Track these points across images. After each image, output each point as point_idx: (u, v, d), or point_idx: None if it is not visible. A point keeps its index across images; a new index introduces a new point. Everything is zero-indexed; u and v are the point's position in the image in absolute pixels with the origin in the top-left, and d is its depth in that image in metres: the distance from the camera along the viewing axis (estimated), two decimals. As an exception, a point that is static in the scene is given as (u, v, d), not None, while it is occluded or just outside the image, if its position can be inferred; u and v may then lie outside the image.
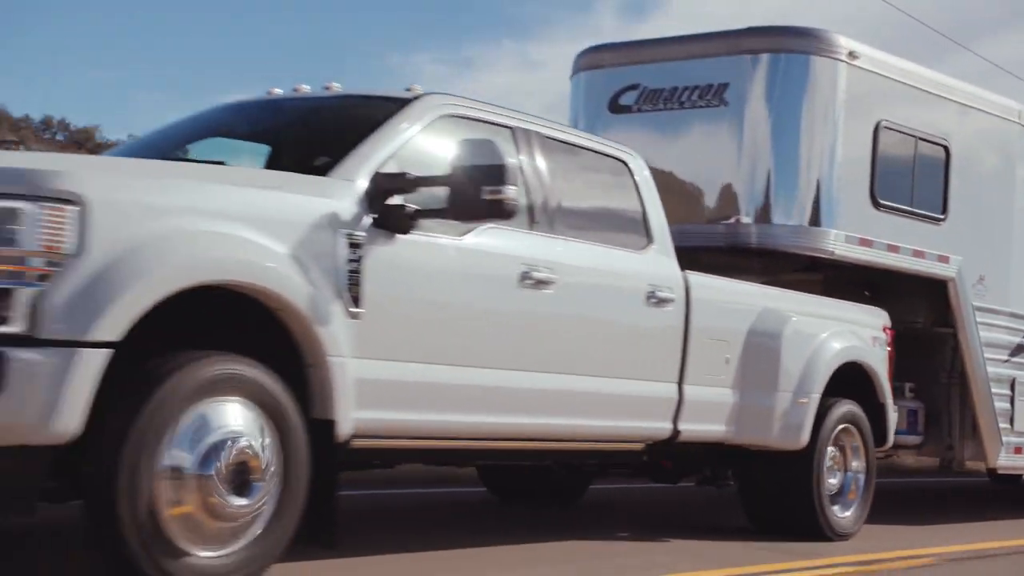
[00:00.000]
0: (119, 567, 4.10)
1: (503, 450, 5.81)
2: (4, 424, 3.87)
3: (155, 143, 6.06)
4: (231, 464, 4.25)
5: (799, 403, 7.00)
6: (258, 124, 6.01)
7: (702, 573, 5.62)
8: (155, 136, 6.21)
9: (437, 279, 5.16)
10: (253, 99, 6.19)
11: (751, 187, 7.88)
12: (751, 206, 7.86)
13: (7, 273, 3.92)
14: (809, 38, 7.89)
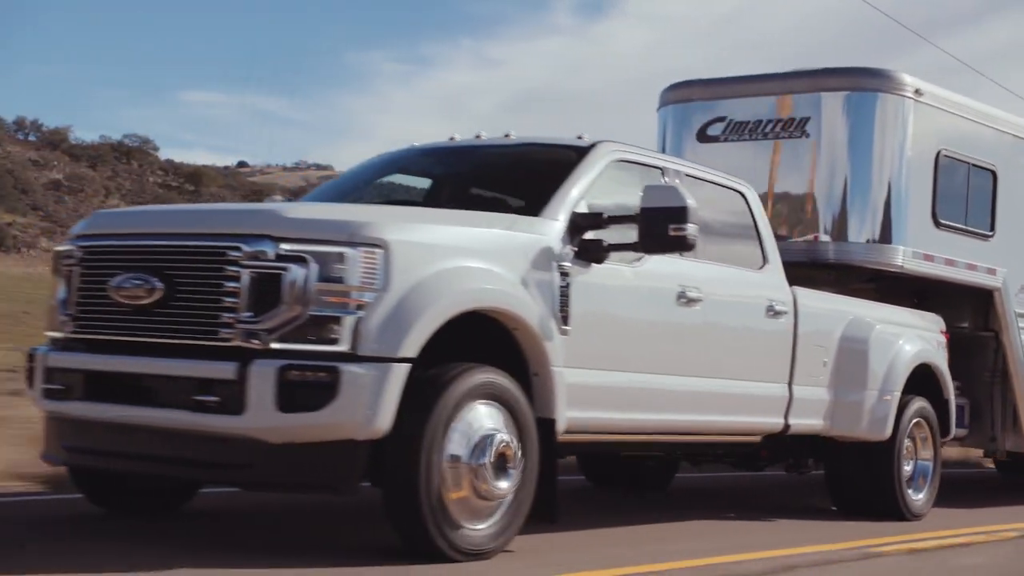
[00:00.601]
0: (415, 538, 5.12)
1: (665, 443, 6.89)
2: (337, 423, 4.89)
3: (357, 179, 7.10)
4: (495, 455, 5.27)
5: (884, 400, 8.07)
6: (452, 167, 7.02)
7: (823, 547, 6.64)
8: (357, 173, 7.22)
9: (621, 299, 6.19)
10: (444, 144, 7.18)
11: (829, 209, 8.92)
12: (829, 226, 8.90)
13: (336, 304, 4.94)
14: (881, 78, 8.95)
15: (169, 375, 5.09)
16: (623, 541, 6.42)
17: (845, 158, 8.93)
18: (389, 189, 7.25)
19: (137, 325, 5.21)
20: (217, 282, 5.03)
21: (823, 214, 8.94)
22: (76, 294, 5.47)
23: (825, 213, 8.94)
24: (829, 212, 8.94)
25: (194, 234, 5.20)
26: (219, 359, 4.97)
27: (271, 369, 4.88)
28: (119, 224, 5.66)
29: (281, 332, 4.94)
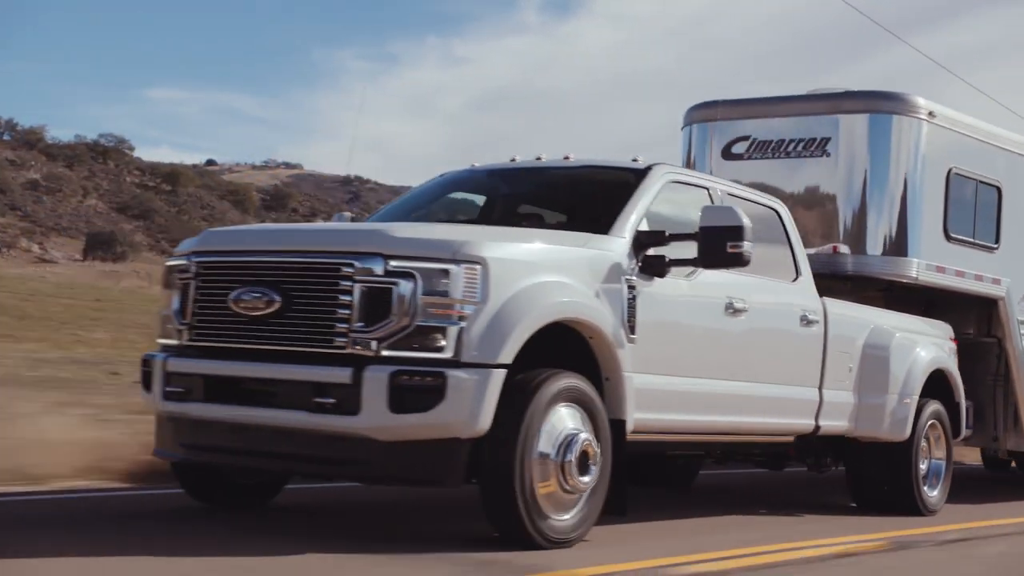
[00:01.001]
0: (510, 527, 5.67)
1: (714, 442, 7.48)
2: (443, 423, 5.44)
3: (425, 197, 7.65)
4: (579, 452, 5.82)
5: (904, 403, 8.67)
6: (517, 187, 7.58)
7: (855, 537, 7.21)
8: (424, 191, 7.77)
9: (679, 310, 6.76)
10: (508, 165, 7.73)
11: (848, 224, 9.51)
12: (848, 239, 9.49)
13: (441, 315, 5.48)
14: (897, 101, 9.55)
15: (289, 379, 5.61)
16: (673, 533, 6.99)
17: (863, 176, 9.52)
18: (456, 206, 7.79)
19: (255, 334, 5.73)
20: (332, 295, 5.56)
21: (842, 229, 9.52)
22: (193, 305, 5.98)
23: (844, 228, 9.52)
24: (848, 227, 9.53)
25: (310, 251, 5.73)
26: (335, 365, 5.50)
27: (384, 374, 5.42)
28: (234, 242, 6.17)
29: (391, 341, 5.48)
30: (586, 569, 5.33)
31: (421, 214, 7.57)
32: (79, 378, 13.09)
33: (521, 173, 7.69)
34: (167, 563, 5.03)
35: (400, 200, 7.93)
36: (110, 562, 5.01)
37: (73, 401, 10.04)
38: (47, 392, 10.51)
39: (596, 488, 6.01)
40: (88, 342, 19.08)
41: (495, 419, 5.54)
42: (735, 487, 10.47)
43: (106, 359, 15.86)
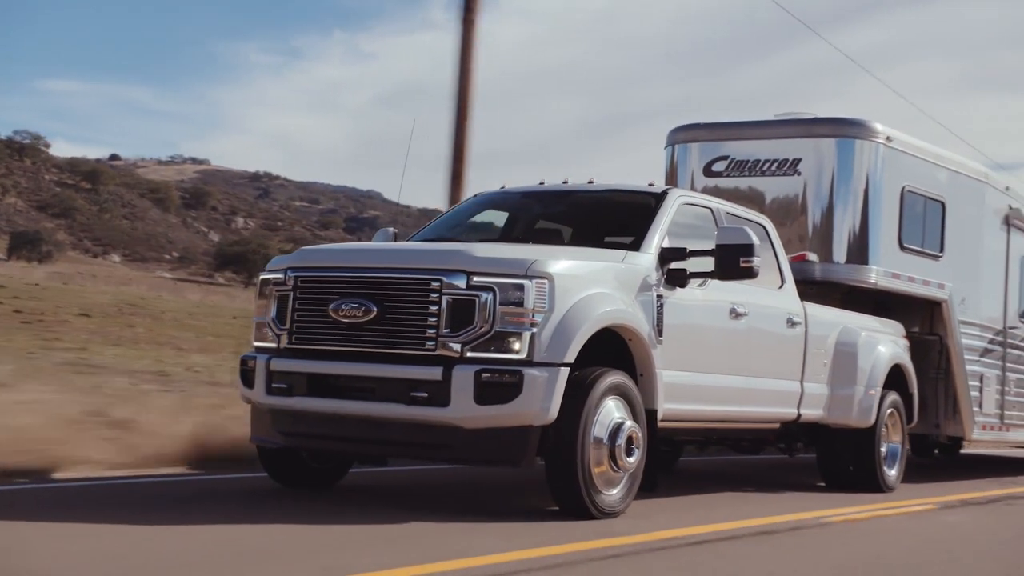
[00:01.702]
0: (571, 501, 6.73)
1: (720, 429, 8.61)
2: (520, 413, 6.49)
3: (464, 215, 8.68)
4: (626, 438, 6.90)
5: (869, 393, 9.88)
6: (546, 208, 8.64)
7: (837, 510, 8.39)
8: (462, 210, 8.80)
9: (696, 315, 7.87)
10: (537, 188, 8.78)
11: (816, 235, 10.71)
12: (816, 249, 10.69)
13: (516, 323, 6.52)
14: (860, 127, 10.78)
15: (388, 377, 6.61)
16: (693, 506, 8.11)
17: (830, 193, 10.74)
18: (488, 226, 8.82)
19: (353, 338, 6.72)
20: (423, 305, 6.58)
21: (811, 240, 10.72)
22: (294, 313, 6.94)
23: (813, 238, 10.73)
24: (816, 238, 10.73)
25: (404, 268, 6.73)
26: (427, 364, 6.52)
27: (470, 372, 6.45)
28: (332, 259, 7.13)
29: (474, 344, 6.51)
30: (643, 535, 6.39)
31: (460, 231, 8.60)
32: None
33: (552, 195, 8.75)
34: (307, 528, 5.98)
35: (442, 218, 8.94)
36: (254, 529, 5.96)
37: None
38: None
39: (637, 468, 7.10)
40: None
41: (561, 409, 6.59)
42: (713, 471, 11.63)
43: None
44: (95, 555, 5.17)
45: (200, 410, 9.69)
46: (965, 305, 12.02)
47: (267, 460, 7.59)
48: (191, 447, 8.52)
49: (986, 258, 12.59)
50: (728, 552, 6.18)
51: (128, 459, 8.26)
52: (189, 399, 11.06)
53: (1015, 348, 13.37)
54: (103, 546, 5.37)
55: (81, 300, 35.48)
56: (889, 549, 6.82)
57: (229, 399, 9.63)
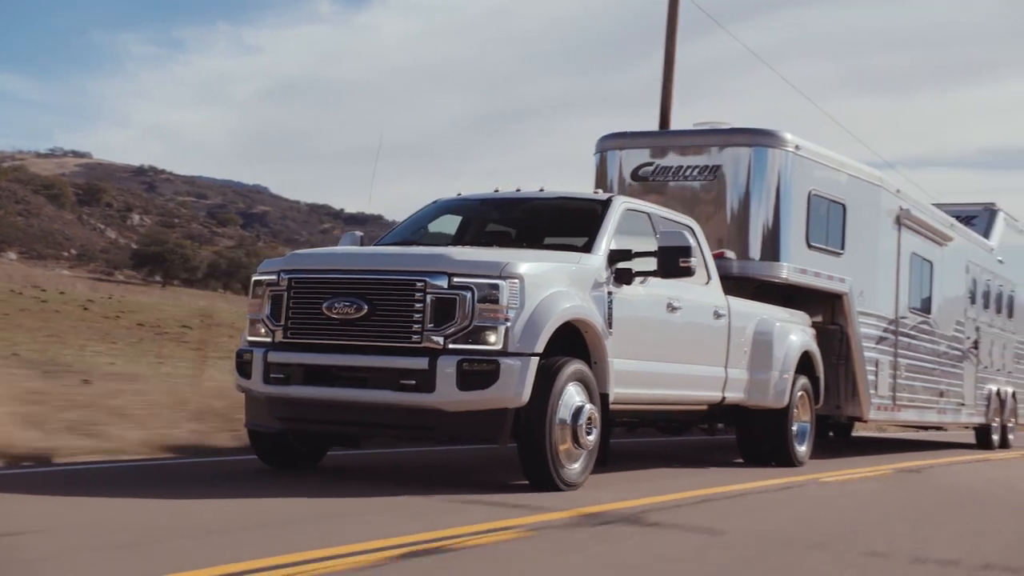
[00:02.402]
0: (539, 475, 7.63)
1: (659, 411, 9.59)
2: (498, 397, 7.37)
3: (424, 220, 9.51)
4: (587, 419, 7.83)
5: (783, 378, 10.99)
6: (503, 214, 9.52)
7: (762, 482, 9.44)
8: (422, 216, 9.62)
9: (639, 310, 8.82)
10: (493, 195, 9.66)
11: (734, 235, 11.79)
12: (734, 247, 11.76)
13: (492, 318, 7.40)
14: (773, 137, 11.88)
15: (379, 367, 7.44)
16: (639, 480, 9.06)
17: (746, 196, 11.82)
18: (446, 230, 9.65)
19: (346, 332, 7.53)
20: (409, 303, 7.42)
21: (729, 239, 11.79)
22: (288, 311, 7.72)
23: (731, 238, 11.80)
24: (734, 237, 11.81)
25: (392, 271, 7.56)
26: (414, 355, 7.36)
27: (453, 362, 7.31)
28: (323, 263, 7.91)
29: (455, 337, 7.37)
30: (605, 505, 7.32)
31: (421, 236, 9.44)
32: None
33: (508, 202, 9.63)
34: (301, 501, 6.77)
35: (406, 223, 9.76)
36: (253, 502, 6.73)
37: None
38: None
39: (594, 445, 8.04)
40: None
41: (532, 394, 7.49)
42: (644, 451, 12.65)
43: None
44: (101, 524, 5.89)
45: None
46: (863, 298, 13.25)
47: (258, 443, 8.35)
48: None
49: (881, 255, 13.86)
50: (679, 517, 7.15)
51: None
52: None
53: (905, 336, 14.69)
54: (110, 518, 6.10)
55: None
56: (816, 512, 7.88)
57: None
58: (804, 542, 6.36)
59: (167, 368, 17.83)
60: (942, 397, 16.23)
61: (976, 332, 17.94)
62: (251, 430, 8.28)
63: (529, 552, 5.50)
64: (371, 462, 9.49)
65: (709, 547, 5.97)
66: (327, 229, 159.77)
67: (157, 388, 11.66)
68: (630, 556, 5.56)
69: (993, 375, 18.84)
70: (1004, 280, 19.70)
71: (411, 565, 5.02)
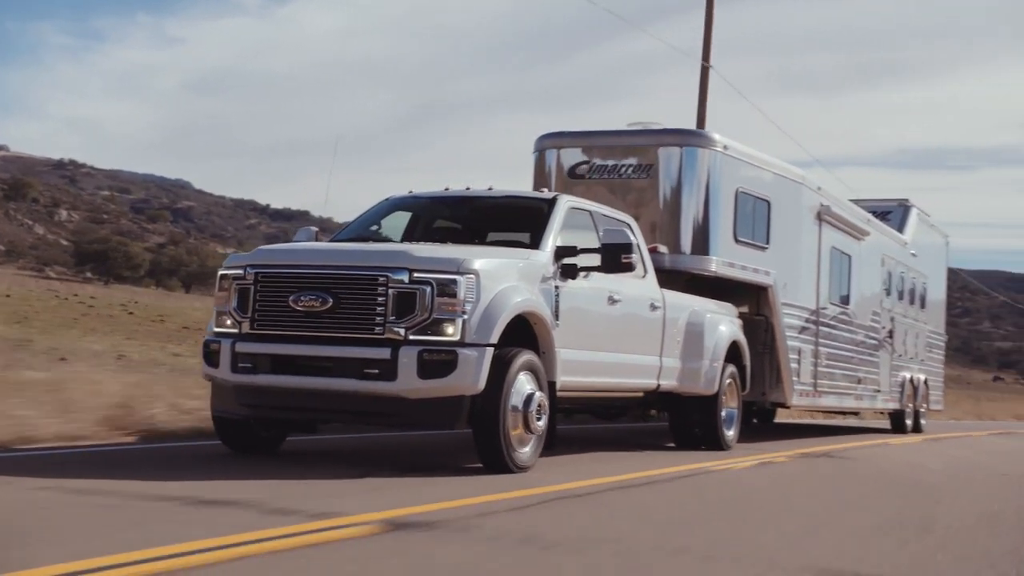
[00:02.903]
0: (493, 458, 8.15)
1: (601, 398, 10.15)
2: (455, 385, 7.86)
3: (376, 216, 9.96)
4: (537, 405, 8.36)
5: (713, 366, 11.63)
6: (453, 212, 9.99)
7: (697, 464, 10.07)
8: (374, 213, 10.07)
9: (583, 302, 9.37)
10: (443, 193, 10.13)
11: (667, 230, 12.40)
12: (666, 242, 12.36)
13: (450, 311, 7.88)
14: (702, 138, 12.52)
15: (344, 357, 7.88)
16: (582, 462, 9.61)
17: (678, 194, 12.44)
18: (397, 225, 10.12)
19: (311, 324, 7.97)
20: (372, 297, 7.88)
21: (662, 234, 12.40)
22: (255, 303, 8.13)
23: (664, 233, 12.41)
24: (666, 232, 12.42)
25: (355, 266, 8.01)
26: (377, 346, 7.82)
27: (414, 352, 7.79)
28: (288, 258, 8.33)
29: (415, 328, 7.85)
30: (556, 486, 7.86)
31: (374, 231, 9.89)
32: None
33: (458, 200, 10.12)
34: (261, 486, 7.20)
35: (360, 219, 10.20)
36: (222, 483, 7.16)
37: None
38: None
39: (544, 430, 8.58)
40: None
41: (487, 382, 8.00)
42: (581, 436, 13.23)
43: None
44: (84, 507, 6.29)
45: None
46: (786, 290, 13.97)
47: (222, 429, 8.76)
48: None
49: (803, 249, 14.60)
50: (627, 495, 7.72)
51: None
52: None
53: (826, 326, 15.47)
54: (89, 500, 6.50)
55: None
56: (751, 490, 8.50)
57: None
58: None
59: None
60: (860, 384, 17.07)
61: (891, 322, 18.84)
62: (216, 416, 8.68)
63: (491, 522, 6.00)
64: (329, 447, 9.93)
65: (649, 511, 6.55)
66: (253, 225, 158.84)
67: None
68: (574, 528, 6.12)
69: (907, 363, 19.78)
70: (917, 273, 20.65)
71: (395, 536, 5.49)
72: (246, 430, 8.79)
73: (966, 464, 12.93)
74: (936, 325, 22.54)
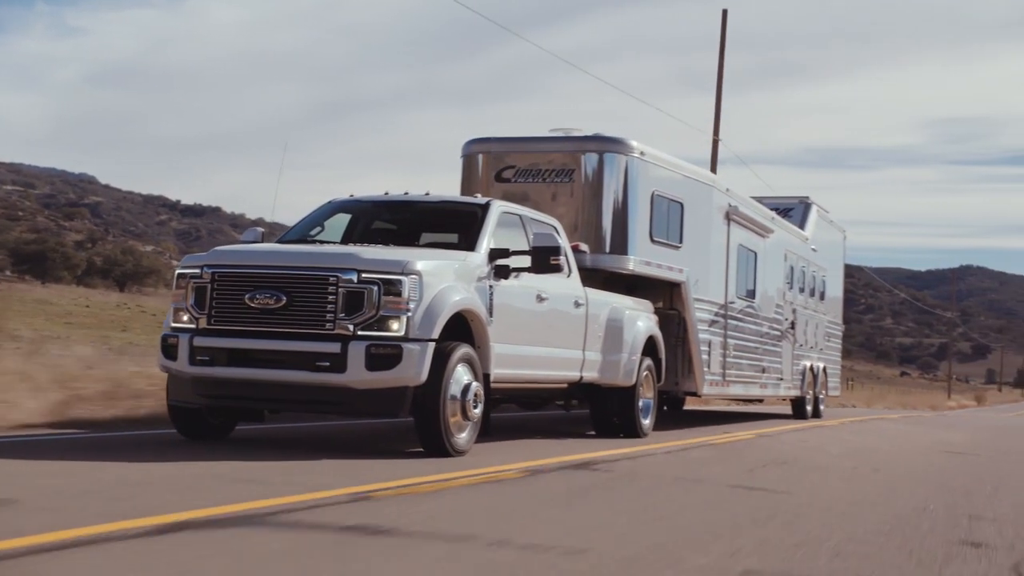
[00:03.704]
0: (434, 443, 8.85)
1: (531, 390, 10.90)
2: (400, 377, 8.54)
3: (320, 218, 10.58)
4: (473, 395, 9.08)
5: (632, 359, 12.46)
6: (393, 215, 10.65)
7: (615, 451, 10.87)
8: (318, 215, 10.68)
9: (515, 301, 10.10)
10: (384, 198, 10.78)
11: (587, 230, 13.19)
12: (587, 242, 13.14)
13: (396, 308, 8.56)
14: (621, 144, 13.32)
15: (297, 351, 8.52)
16: (516, 448, 10.35)
17: (598, 196, 13.24)
18: (339, 227, 10.74)
19: (266, 320, 8.59)
20: (324, 296, 8.52)
21: (583, 234, 13.18)
22: (212, 301, 8.72)
23: (585, 234, 13.19)
24: (587, 233, 13.21)
25: (308, 267, 8.64)
26: (328, 341, 8.47)
27: (362, 346, 8.45)
28: (244, 259, 8.92)
29: (363, 325, 8.51)
30: (491, 467, 8.59)
31: (317, 232, 10.52)
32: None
33: (397, 204, 10.78)
34: (222, 466, 7.81)
35: (304, 220, 10.81)
36: (177, 465, 7.75)
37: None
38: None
39: (479, 418, 9.30)
40: None
41: (429, 374, 8.69)
42: (508, 424, 13.97)
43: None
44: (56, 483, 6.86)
45: None
46: (698, 286, 14.87)
47: (177, 418, 9.33)
48: None
49: (713, 247, 15.52)
50: (563, 477, 8.47)
51: None
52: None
53: (734, 319, 16.43)
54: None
55: None
56: (676, 471, 9.32)
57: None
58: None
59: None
60: (764, 373, 18.11)
61: (793, 314, 19.93)
62: (173, 406, 9.25)
63: (433, 498, 6.71)
64: (283, 435, 10.53)
65: (593, 488, 7.32)
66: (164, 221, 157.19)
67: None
68: (505, 499, 6.86)
69: (807, 352, 20.92)
70: (817, 267, 21.80)
71: (359, 506, 6.17)
72: (199, 418, 9.36)
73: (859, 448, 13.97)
74: (834, 316, 23.77)
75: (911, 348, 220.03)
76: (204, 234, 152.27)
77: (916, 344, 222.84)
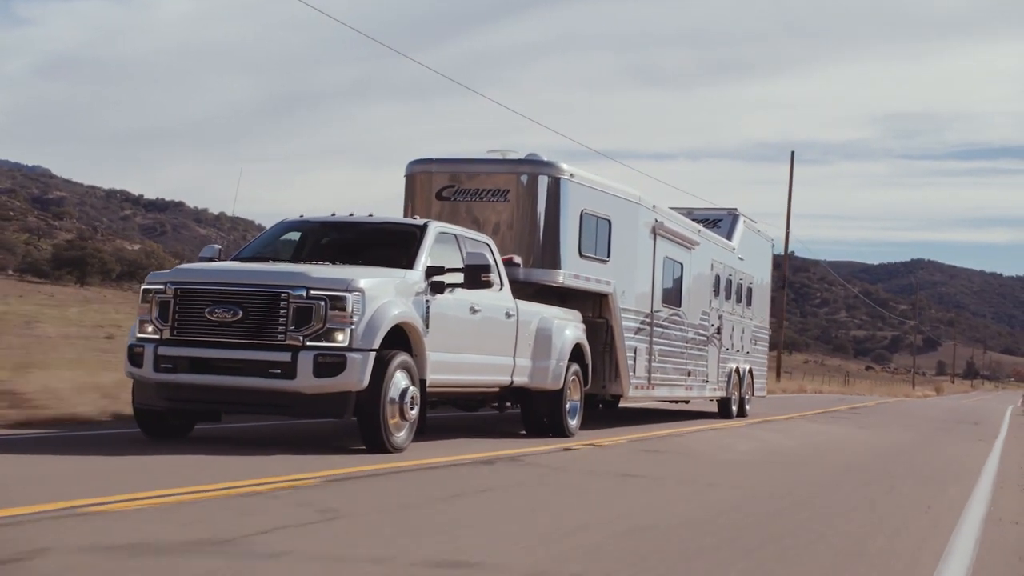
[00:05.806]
0: (375, 441, 9.92)
1: (464, 393, 11.99)
2: (344, 383, 9.60)
3: (274, 236, 11.60)
4: (410, 398, 10.16)
5: (559, 365, 13.57)
6: (340, 234, 11.70)
7: (544, 447, 11.97)
8: (274, 232, 11.71)
9: (449, 313, 11.18)
10: (330, 218, 11.83)
11: (521, 246, 14.28)
12: (522, 256, 14.24)
13: (341, 322, 9.63)
14: (552, 167, 14.42)
15: (252, 359, 9.55)
16: (450, 446, 11.42)
17: (532, 215, 14.33)
18: (290, 245, 11.77)
19: (223, 332, 9.61)
20: (276, 310, 9.56)
21: (517, 250, 14.26)
22: (175, 314, 9.73)
23: (519, 249, 14.28)
24: (521, 248, 14.30)
25: (262, 284, 9.67)
26: (279, 351, 9.51)
27: (310, 356, 9.51)
28: (204, 276, 9.93)
29: (312, 336, 9.56)
30: (425, 459, 9.66)
31: (270, 250, 11.55)
32: None
33: (342, 224, 11.83)
34: (188, 459, 8.81)
35: (259, 239, 11.84)
36: (146, 458, 8.75)
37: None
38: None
39: (415, 419, 10.38)
40: None
41: (370, 380, 9.75)
42: (446, 424, 15.05)
43: None
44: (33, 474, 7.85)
45: None
46: (625, 296, 16.02)
47: (141, 419, 10.33)
48: None
49: (639, 260, 16.69)
50: (492, 468, 9.55)
51: None
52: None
53: (659, 327, 17.60)
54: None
55: None
56: (613, 465, 10.44)
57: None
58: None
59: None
60: (689, 376, 19.30)
61: (719, 320, 21.15)
62: (137, 408, 10.24)
63: (383, 483, 7.77)
64: (238, 434, 11.55)
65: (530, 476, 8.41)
66: (128, 216, 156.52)
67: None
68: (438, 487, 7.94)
69: (733, 355, 22.16)
70: (743, 274, 23.07)
71: (331, 487, 7.22)
72: (161, 420, 10.36)
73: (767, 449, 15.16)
74: (761, 320, 25.06)
75: (864, 341, 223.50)
76: (169, 229, 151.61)
77: (870, 337, 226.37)
